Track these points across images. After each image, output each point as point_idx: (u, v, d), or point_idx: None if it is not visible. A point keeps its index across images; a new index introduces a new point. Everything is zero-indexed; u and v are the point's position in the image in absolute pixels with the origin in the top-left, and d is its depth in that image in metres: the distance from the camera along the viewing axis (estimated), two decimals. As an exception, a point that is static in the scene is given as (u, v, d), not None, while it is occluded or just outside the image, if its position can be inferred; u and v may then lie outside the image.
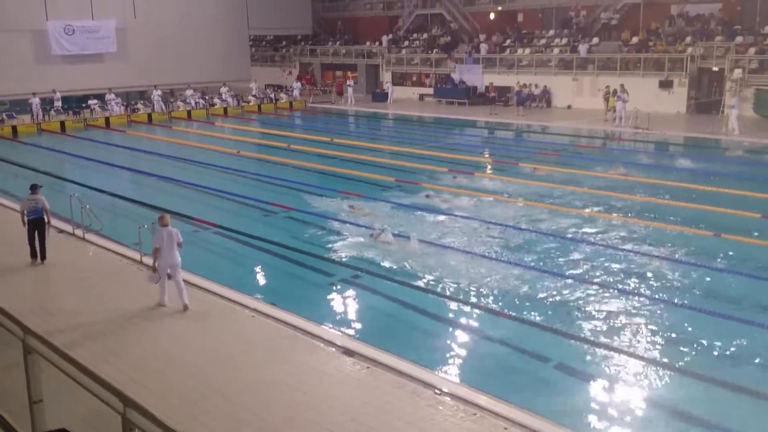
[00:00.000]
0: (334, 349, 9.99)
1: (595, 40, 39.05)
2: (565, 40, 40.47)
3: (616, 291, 12.66)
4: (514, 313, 11.83)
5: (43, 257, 14.20)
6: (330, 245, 15.78)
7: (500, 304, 12.34)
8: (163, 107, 40.07)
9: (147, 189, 22.20)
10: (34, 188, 14.31)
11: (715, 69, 33.75)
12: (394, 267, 14.17)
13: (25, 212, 14.05)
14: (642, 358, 10.32)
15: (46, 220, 14.16)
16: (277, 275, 14.67)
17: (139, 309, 11.65)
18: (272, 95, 45.56)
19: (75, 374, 4.73)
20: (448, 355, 10.64)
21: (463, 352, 10.84)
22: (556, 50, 40.04)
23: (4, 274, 13.58)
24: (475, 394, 8.70)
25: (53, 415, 5.61)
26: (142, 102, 41.31)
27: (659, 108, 33.59)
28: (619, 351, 10.51)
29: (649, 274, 13.49)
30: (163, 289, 11.69)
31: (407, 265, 14.20)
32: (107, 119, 37.45)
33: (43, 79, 37.72)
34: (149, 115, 39.02)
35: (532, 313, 11.83)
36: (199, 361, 9.63)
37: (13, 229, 15.65)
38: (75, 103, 39.31)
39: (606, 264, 14.08)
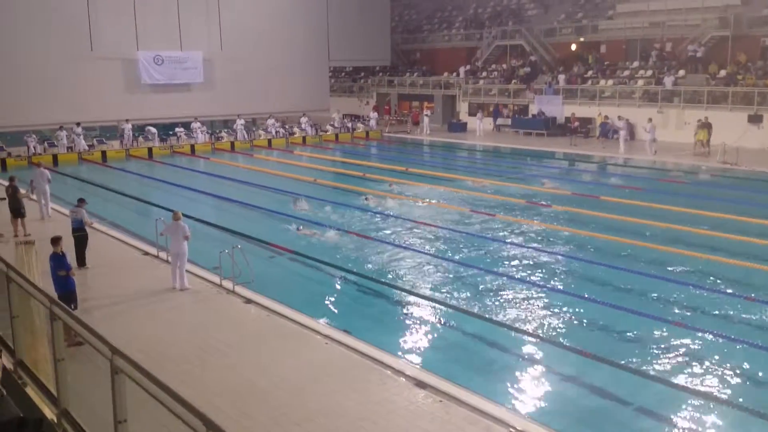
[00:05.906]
0: (405, 380, 9.91)
1: (681, 72, 38.00)
2: (649, 72, 39.57)
3: (706, 332, 12.16)
4: (600, 354, 11.50)
5: (82, 263, 15.25)
6: (403, 273, 15.79)
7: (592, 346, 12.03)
8: (246, 136, 41.25)
9: (228, 214, 22.77)
10: (79, 202, 15.93)
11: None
12: (466, 302, 14.05)
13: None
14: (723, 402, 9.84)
15: (85, 230, 15.57)
16: (349, 302, 14.72)
17: (221, 334, 11.87)
18: (349, 125, 46.26)
19: (160, 395, 4.85)
20: (520, 389, 10.41)
21: (538, 388, 10.58)
22: (640, 82, 39.18)
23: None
24: (551, 434, 8.45)
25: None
26: (225, 130, 42.65)
27: (746, 143, 32.30)
28: (700, 394, 10.06)
29: (743, 317, 12.98)
30: (174, 275, 13.82)
31: (487, 301, 14.05)
32: (192, 146, 38.84)
33: (132, 106, 39.41)
34: (232, 143, 40.26)
35: (624, 355, 11.49)
36: (273, 387, 9.72)
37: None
38: (162, 130, 40.91)
39: (697, 304, 13.60)
